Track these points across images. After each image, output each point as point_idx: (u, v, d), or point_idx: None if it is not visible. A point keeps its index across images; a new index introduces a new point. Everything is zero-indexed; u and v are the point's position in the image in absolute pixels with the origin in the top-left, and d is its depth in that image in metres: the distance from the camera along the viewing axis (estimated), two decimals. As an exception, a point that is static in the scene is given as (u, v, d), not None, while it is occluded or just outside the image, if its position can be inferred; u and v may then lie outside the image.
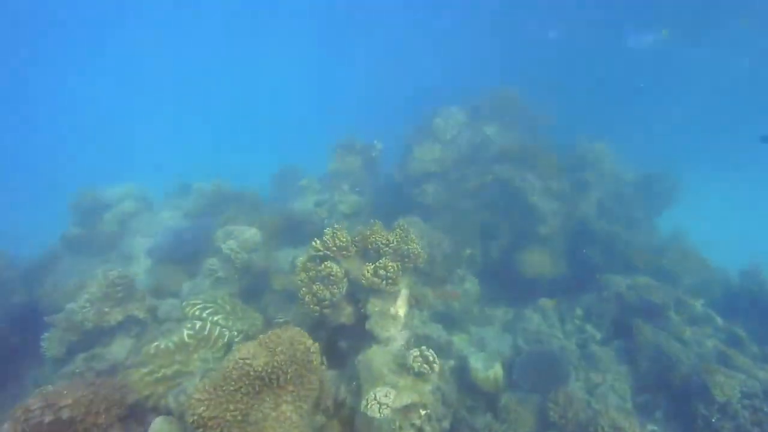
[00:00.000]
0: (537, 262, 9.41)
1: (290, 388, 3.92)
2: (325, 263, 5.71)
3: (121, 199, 10.43)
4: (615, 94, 20.35)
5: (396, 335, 5.73)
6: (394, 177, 11.68)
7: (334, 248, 5.85)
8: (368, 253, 6.11)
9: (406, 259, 5.90)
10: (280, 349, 3.88)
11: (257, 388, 3.72)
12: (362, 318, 5.80)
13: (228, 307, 7.62)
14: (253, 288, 8.46)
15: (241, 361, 3.74)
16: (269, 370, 3.73)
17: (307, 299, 5.59)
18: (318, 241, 6.03)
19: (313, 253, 6.00)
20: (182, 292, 7.98)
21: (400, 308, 5.90)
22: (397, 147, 12.91)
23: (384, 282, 5.53)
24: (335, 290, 5.56)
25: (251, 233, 8.50)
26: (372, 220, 6.71)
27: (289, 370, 3.85)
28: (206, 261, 8.14)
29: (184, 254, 8.24)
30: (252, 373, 3.68)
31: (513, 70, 19.56)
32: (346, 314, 5.91)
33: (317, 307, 5.55)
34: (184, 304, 7.50)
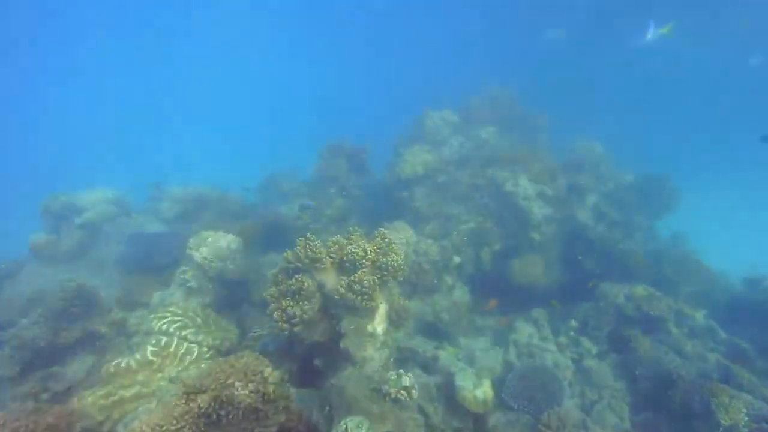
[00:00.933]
0: (530, 269, 8.96)
1: (244, 425, 3.46)
2: (296, 277, 5.24)
3: (95, 203, 9.94)
4: (613, 94, 19.98)
5: (373, 355, 5.26)
6: (384, 180, 11.23)
7: (307, 260, 5.38)
8: (345, 264, 5.65)
9: (385, 272, 5.43)
10: (231, 381, 3.41)
11: (203, 428, 3.25)
12: (338, 335, 5.34)
13: (199, 320, 7.16)
14: (230, 298, 7.99)
15: (185, 396, 3.27)
16: (216, 407, 3.27)
17: (276, 316, 5.12)
18: (289, 253, 5.56)
19: (285, 265, 5.53)
20: (153, 303, 7.50)
21: (379, 325, 5.43)
22: (387, 149, 12.47)
23: (359, 297, 5.06)
24: (306, 306, 5.09)
25: (227, 240, 8.03)
26: (351, 228, 6.25)
27: (242, 406, 3.38)
28: (178, 270, 7.66)
29: (155, 263, 7.77)
30: (196, 410, 3.21)
31: (508, 70, 19.16)
32: (320, 331, 5.45)
33: (286, 325, 5.08)
34: (151, 317, 7.04)
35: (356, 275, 5.14)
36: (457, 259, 8.83)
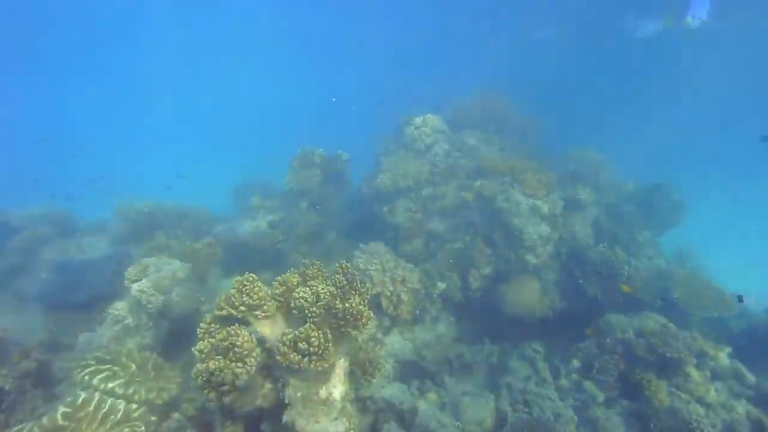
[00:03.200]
0: (524, 296, 7.90)
1: None
2: (229, 330, 4.12)
3: (33, 222, 8.76)
4: (610, 96, 19.07)
5: (328, 427, 4.14)
6: (362, 192, 10.14)
7: (243, 308, 4.27)
8: (294, 311, 4.53)
9: (343, 322, 4.32)
10: None
11: None
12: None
13: (134, 367, 6.00)
14: (178, 337, 6.84)
15: None
16: None
17: (200, 381, 3.98)
18: (222, 297, 4.44)
19: (218, 312, 4.40)
20: (78, 346, 6.33)
21: (336, 388, 4.32)
22: (368, 157, 11.39)
23: (306, 359, 3.95)
24: (239, 370, 3.96)
25: (173, 268, 6.88)
26: (307, 262, 5.14)
27: None
28: (112, 305, 6.50)
29: (83, 297, 6.61)
30: None
31: (498, 72, 18.19)
32: (263, 395, 4.32)
33: (214, 394, 3.95)
34: (73, 365, 5.89)
35: (302, 330, 4.03)
36: (441, 286, 7.75)
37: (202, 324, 4.59)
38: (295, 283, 4.59)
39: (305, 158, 9.84)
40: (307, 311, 4.20)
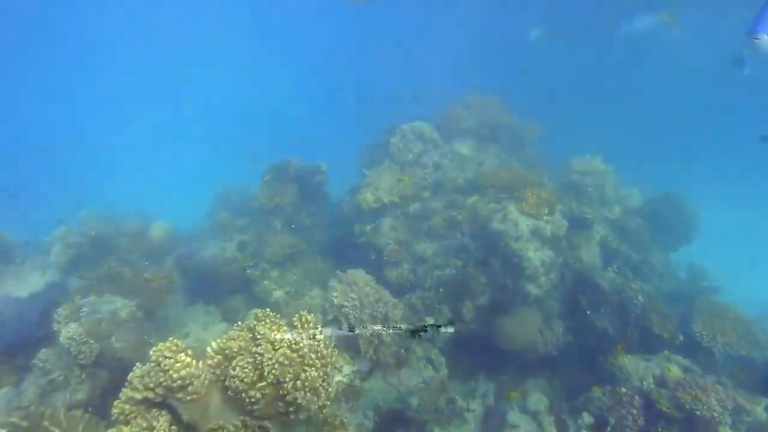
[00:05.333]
0: (525, 330, 6.93)
1: None
2: (139, 419, 3.10)
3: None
4: (610, 98, 18.20)
5: None
6: (343, 208, 9.14)
7: (160, 390, 3.25)
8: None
9: (292, 408, 3.31)
10: None
11: None
12: None
13: (57, 433, 4.97)
14: (119, 389, 5.79)
15: None
16: None
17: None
18: (137, 374, 3.42)
19: (131, 394, 3.39)
20: (-6, 407, 5.28)
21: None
22: (351, 169, 10.40)
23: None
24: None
25: (112, 307, 5.84)
26: (259, 313, 4.13)
27: None
28: (38, 355, 5.46)
29: (3, 344, 5.56)
30: None
31: (492, 75, 17.29)
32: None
33: None
34: (-20, 435, 4.84)
35: (238, 423, 3.03)
36: (430, 321, 6.75)
37: (116, 403, 3.58)
38: (235, 350, 3.57)
39: (279, 170, 8.82)
40: (244, 395, 3.20)
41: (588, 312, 7.08)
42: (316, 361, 3.74)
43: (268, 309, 7.17)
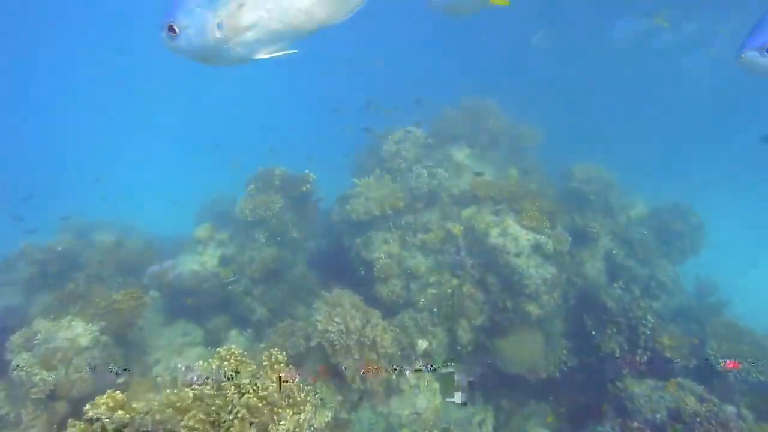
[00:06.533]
0: (525, 353, 6.44)
1: None
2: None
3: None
4: (611, 103, 17.80)
5: None
6: (332, 220, 8.63)
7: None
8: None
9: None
10: None
11: None
12: None
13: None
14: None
15: None
16: None
17: None
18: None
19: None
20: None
21: None
22: (341, 177, 9.89)
23: None
24: None
25: (71, 334, 5.30)
26: (222, 351, 3.60)
27: None
28: (-15, 389, 4.91)
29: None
30: None
31: (490, 79, 16.88)
32: None
33: None
34: None
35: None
36: (422, 345, 6.24)
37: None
38: (189, 401, 3.03)
39: (264, 180, 8.30)
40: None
41: (593, 333, 6.58)
42: (287, 410, 3.22)
43: (243, 333, 6.63)
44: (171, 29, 2.15)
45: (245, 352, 3.67)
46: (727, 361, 6.08)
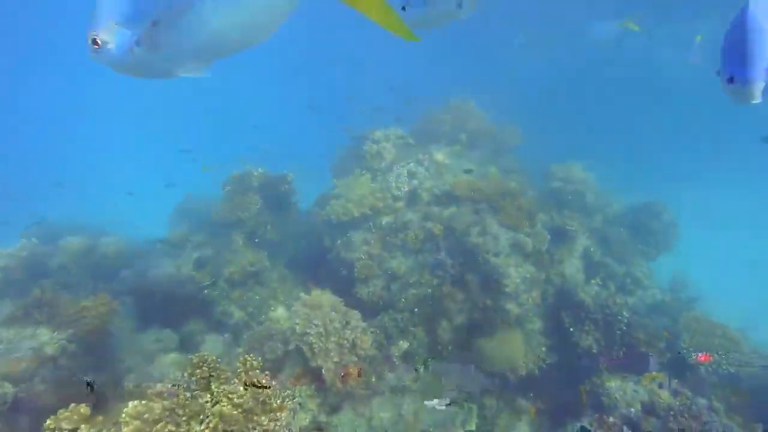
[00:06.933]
0: (506, 351, 6.47)
1: None
2: None
3: None
4: (592, 102, 18.17)
5: None
6: (312, 220, 8.53)
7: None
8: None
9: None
10: None
11: None
12: None
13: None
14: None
15: None
16: None
17: None
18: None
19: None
20: None
21: None
22: (321, 178, 9.79)
23: None
24: None
25: (36, 343, 5.07)
26: (193, 357, 3.48)
27: None
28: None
29: None
30: None
31: (471, 79, 16.94)
32: None
33: None
34: None
35: None
36: (403, 345, 6.20)
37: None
38: (158, 413, 2.91)
39: (241, 181, 8.13)
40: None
41: (571, 329, 6.66)
42: (263, 417, 3.13)
43: (220, 337, 6.46)
44: (94, 42, 2.14)
45: (219, 359, 3.56)
46: (700, 354, 6.23)
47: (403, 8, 3.24)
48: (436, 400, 6.07)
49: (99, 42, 2.12)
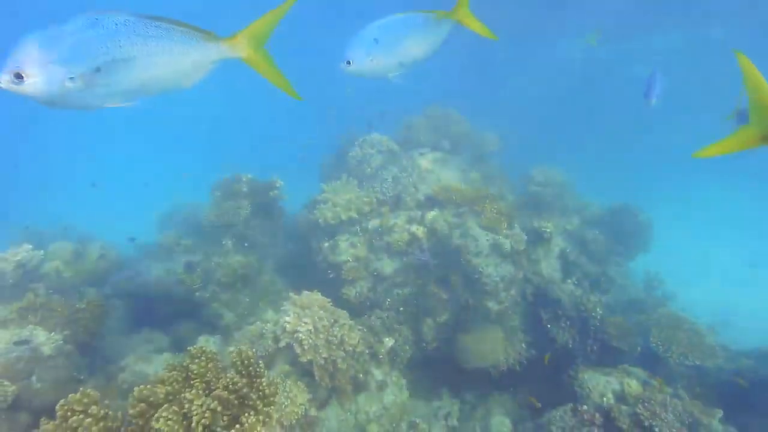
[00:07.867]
0: (487, 347, 6.79)
1: None
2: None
3: None
4: (569, 111, 18.80)
5: None
6: (300, 224, 8.78)
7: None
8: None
9: (222, 464, 2.94)
10: None
11: None
12: None
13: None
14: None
15: None
16: None
17: None
18: (46, 427, 2.95)
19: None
20: None
21: None
22: (311, 183, 10.04)
23: None
24: None
25: (33, 344, 5.21)
26: (191, 349, 3.72)
27: None
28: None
29: None
30: None
31: (454, 87, 17.44)
32: None
33: None
34: None
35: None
36: (389, 342, 6.47)
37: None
38: (162, 397, 3.15)
39: (230, 187, 8.35)
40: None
41: (548, 326, 7.01)
42: (258, 402, 3.37)
43: (211, 338, 6.67)
44: (17, 75, 2.24)
45: (216, 352, 3.80)
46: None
47: (348, 63, 3.85)
48: (420, 394, 6.37)
49: (23, 75, 2.25)
